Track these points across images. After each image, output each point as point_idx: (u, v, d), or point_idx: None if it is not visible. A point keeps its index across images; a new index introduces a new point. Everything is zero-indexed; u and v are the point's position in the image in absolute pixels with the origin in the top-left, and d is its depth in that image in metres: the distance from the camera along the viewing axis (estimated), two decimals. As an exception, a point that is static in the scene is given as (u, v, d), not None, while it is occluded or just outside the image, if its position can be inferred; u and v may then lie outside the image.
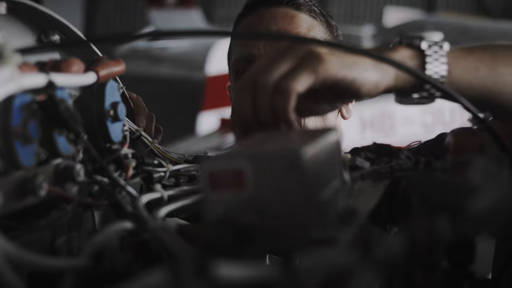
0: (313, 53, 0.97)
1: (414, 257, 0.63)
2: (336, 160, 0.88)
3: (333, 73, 0.96)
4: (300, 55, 0.97)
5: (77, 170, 1.01)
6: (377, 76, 0.99)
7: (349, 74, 0.97)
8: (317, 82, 0.95)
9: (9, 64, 0.81)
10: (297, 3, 1.81)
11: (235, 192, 0.76)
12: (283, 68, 0.96)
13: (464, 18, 11.64)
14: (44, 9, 1.16)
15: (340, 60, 0.97)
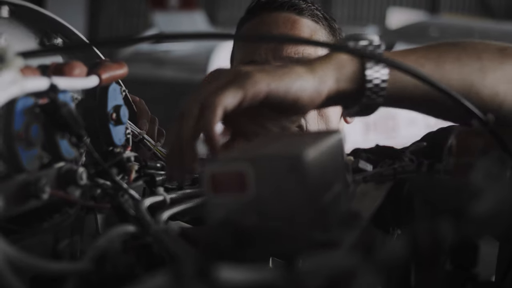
0: (241, 72, 0.95)
1: (416, 259, 0.62)
2: (338, 163, 0.88)
3: (262, 86, 0.94)
4: (229, 75, 0.95)
5: (80, 174, 1.01)
6: (313, 83, 0.97)
7: (281, 86, 0.95)
8: (246, 98, 0.93)
9: (12, 67, 0.81)
10: (300, 8, 1.81)
11: (236, 195, 0.76)
12: (210, 88, 0.95)
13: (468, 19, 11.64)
14: (47, 12, 1.16)
15: (270, 74, 0.95)
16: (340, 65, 1.00)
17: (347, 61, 1.00)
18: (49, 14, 1.16)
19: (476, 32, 8.97)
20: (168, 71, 8.60)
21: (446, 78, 1.03)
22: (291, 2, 1.81)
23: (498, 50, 1.07)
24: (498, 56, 1.06)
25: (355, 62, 1.00)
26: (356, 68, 1.00)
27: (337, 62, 1.00)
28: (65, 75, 0.99)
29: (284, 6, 1.80)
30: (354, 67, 1.00)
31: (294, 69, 0.97)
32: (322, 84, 0.98)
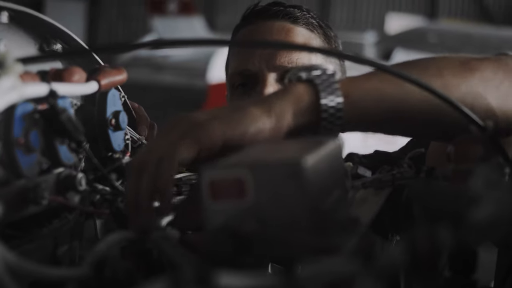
0: (195, 123, 0.94)
1: (415, 266, 0.63)
2: (337, 169, 0.88)
3: (217, 137, 0.93)
4: (183, 127, 0.94)
5: (79, 179, 1.01)
6: (270, 123, 0.96)
7: (236, 132, 0.94)
8: (202, 150, 0.93)
9: (11, 73, 0.81)
10: (294, 16, 1.81)
11: (235, 201, 0.76)
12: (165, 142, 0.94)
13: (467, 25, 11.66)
14: (46, 18, 1.16)
15: (223, 121, 0.94)
16: (297, 99, 0.99)
17: (304, 94, 0.99)
18: (49, 19, 1.17)
19: (475, 38, 8.98)
20: (167, 76, 8.60)
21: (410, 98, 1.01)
22: (286, 11, 1.82)
23: (460, 64, 1.06)
24: (461, 71, 1.04)
25: (311, 94, 0.99)
26: (312, 100, 0.99)
27: (294, 96, 0.99)
28: (64, 81, 1.00)
29: (278, 14, 1.80)
30: (310, 99, 0.99)
31: (249, 111, 0.96)
32: (280, 122, 0.97)
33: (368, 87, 1.01)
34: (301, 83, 1.00)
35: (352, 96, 0.99)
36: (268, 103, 0.98)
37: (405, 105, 1.02)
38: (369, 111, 1.01)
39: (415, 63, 1.06)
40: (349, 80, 1.02)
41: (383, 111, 1.02)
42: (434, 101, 0.98)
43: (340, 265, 0.64)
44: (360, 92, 1.01)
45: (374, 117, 1.02)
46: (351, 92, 1.00)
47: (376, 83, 1.01)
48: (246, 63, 1.77)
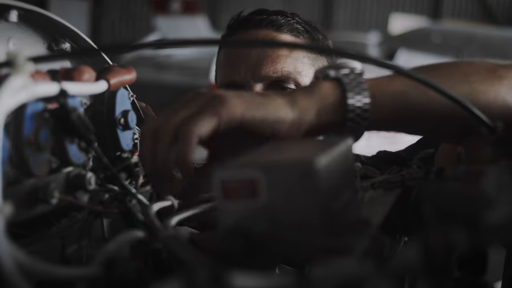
0: (216, 97, 0.93)
1: (429, 268, 0.62)
2: (348, 169, 0.88)
3: (238, 114, 0.92)
4: (203, 101, 0.93)
5: (88, 179, 1.01)
6: (293, 116, 0.95)
7: (257, 115, 0.93)
8: (221, 124, 0.91)
9: (22, 72, 0.81)
10: (278, 24, 1.81)
11: (247, 201, 0.75)
12: (183, 114, 0.92)
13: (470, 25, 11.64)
14: (55, 17, 1.16)
15: (247, 101, 0.94)
16: (323, 97, 0.98)
17: (329, 92, 0.99)
18: (58, 18, 1.17)
19: (478, 38, 8.97)
20: (170, 75, 8.61)
21: (432, 101, 1.01)
22: (269, 19, 1.81)
23: (488, 71, 1.05)
24: (488, 78, 1.04)
25: (338, 93, 0.99)
26: (338, 99, 0.98)
27: (320, 93, 0.99)
28: (74, 80, 0.99)
29: (262, 23, 1.80)
30: (336, 97, 0.98)
31: (274, 99, 0.96)
32: (302, 117, 0.96)
33: (393, 90, 1.01)
34: (329, 81, 1.00)
35: (377, 97, 0.99)
36: (294, 97, 0.97)
37: (427, 108, 1.02)
38: (393, 113, 1.01)
39: (440, 68, 1.05)
40: (374, 81, 1.01)
41: (406, 114, 1.02)
42: (455, 108, 0.98)
43: (353, 266, 0.64)
44: (385, 94, 1.00)
45: (397, 118, 1.02)
46: (376, 94, 0.99)
47: (400, 86, 1.01)
48: (232, 75, 1.77)
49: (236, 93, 0.95)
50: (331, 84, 0.99)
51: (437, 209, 0.71)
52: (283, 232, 0.74)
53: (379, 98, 0.99)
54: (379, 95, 1.00)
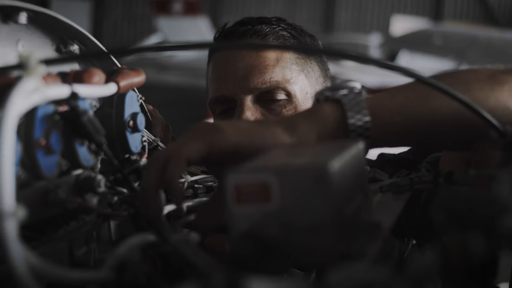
0: (212, 126, 0.96)
1: (446, 275, 0.62)
2: (360, 173, 0.88)
3: (231, 141, 0.94)
4: (198, 129, 0.96)
5: (98, 181, 1.01)
6: (291, 140, 0.96)
7: (252, 143, 0.95)
8: (212, 150, 0.94)
9: (34, 75, 0.81)
10: (263, 33, 1.80)
11: (260, 205, 0.75)
12: (179, 142, 0.96)
13: (472, 27, 11.63)
14: (63, 19, 1.16)
15: (243, 129, 0.95)
16: (323, 119, 0.98)
17: (329, 114, 0.99)
18: (66, 20, 1.16)
19: (479, 40, 8.96)
20: (172, 76, 8.60)
21: (434, 115, 1.01)
22: (254, 29, 1.80)
23: (488, 78, 1.05)
24: (488, 84, 1.04)
25: (337, 114, 0.99)
26: (338, 120, 0.99)
27: (319, 116, 0.99)
28: (84, 82, 0.99)
29: (246, 34, 1.79)
30: (336, 119, 0.99)
31: (271, 126, 0.97)
32: (303, 141, 0.97)
33: (394, 106, 1.01)
34: (328, 103, 1.00)
35: (378, 115, 0.99)
36: (293, 123, 0.98)
37: (430, 121, 1.02)
38: (395, 130, 1.01)
39: (441, 77, 1.05)
40: (374, 98, 1.01)
41: (408, 128, 1.02)
42: (459, 116, 0.98)
43: (368, 271, 0.63)
44: (386, 111, 1.00)
45: (399, 134, 1.03)
46: (377, 111, 0.99)
47: (401, 100, 1.01)
48: (221, 89, 1.77)
49: (233, 123, 0.97)
50: (331, 106, 1.00)
51: (451, 214, 0.71)
52: (296, 236, 0.74)
53: (380, 115, 1.00)
54: (380, 112, 1.00)
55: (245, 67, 1.74)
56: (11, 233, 0.69)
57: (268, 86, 1.72)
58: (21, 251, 0.70)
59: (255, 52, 1.76)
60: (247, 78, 1.72)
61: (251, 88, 1.71)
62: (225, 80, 1.76)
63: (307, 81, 1.80)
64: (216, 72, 1.82)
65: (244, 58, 1.75)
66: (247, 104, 1.71)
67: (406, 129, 1.02)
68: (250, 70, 1.74)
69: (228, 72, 1.77)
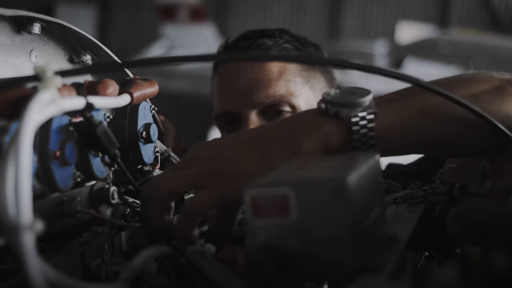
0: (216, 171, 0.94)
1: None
2: (377, 185, 0.88)
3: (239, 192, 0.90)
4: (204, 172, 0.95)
5: (112, 193, 1.00)
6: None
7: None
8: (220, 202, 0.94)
9: (50, 87, 0.81)
10: (266, 47, 1.80)
11: (278, 219, 0.75)
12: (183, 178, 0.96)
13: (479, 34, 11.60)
14: (76, 29, 1.16)
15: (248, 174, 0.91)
16: (328, 136, 0.97)
17: (334, 130, 0.98)
18: (78, 30, 1.16)
19: (486, 48, 8.94)
20: (177, 83, 8.60)
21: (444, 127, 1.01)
22: (256, 43, 1.80)
23: (495, 90, 1.03)
24: (498, 97, 1.02)
25: (343, 130, 0.97)
26: (343, 135, 0.97)
27: (324, 134, 0.97)
28: (98, 93, 0.99)
29: (249, 48, 1.80)
30: (341, 135, 0.97)
31: (274, 153, 0.95)
32: None
33: (401, 121, 1.00)
34: (336, 121, 0.98)
35: (385, 131, 0.98)
36: (299, 144, 0.96)
37: (437, 133, 1.01)
38: (402, 147, 1.02)
39: (449, 86, 1.04)
40: (382, 113, 0.98)
41: (415, 141, 1.02)
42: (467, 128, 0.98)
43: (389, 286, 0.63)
44: (394, 127, 0.99)
45: (406, 146, 1.03)
46: (385, 128, 0.98)
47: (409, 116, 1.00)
48: (226, 104, 1.76)
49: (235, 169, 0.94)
50: (339, 126, 0.98)
51: (470, 228, 0.71)
52: (313, 249, 0.74)
53: (387, 132, 0.98)
54: (388, 129, 0.99)
55: (249, 82, 1.74)
56: (28, 246, 0.69)
57: (272, 100, 1.71)
58: (39, 264, 0.69)
59: (258, 66, 1.76)
60: (251, 93, 1.72)
61: (255, 102, 1.71)
62: (229, 95, 1.76)
63: (311, 92, 1.80)
64: (220, 87, 1.82)
65: (247, 72, 1.75)
66: (251, 118, 1.71)
67: (412, 142, 1.02)
68: (254, 84, 1.73)
69: (231, 86, 1.77)
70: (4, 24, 1.06)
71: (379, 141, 0.97)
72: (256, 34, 1.85)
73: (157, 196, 0.96)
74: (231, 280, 0.81)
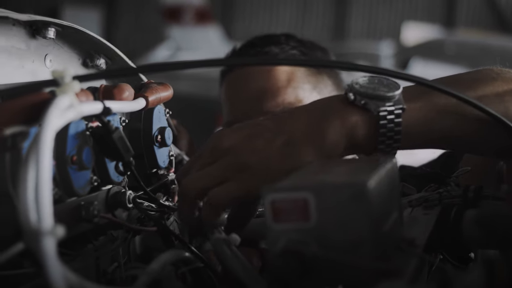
0: (244, 167, 0.94)
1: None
2: (395, 189, 0.87)
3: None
4: (230, 166, 0.95)
5: (128, 197, 1.00)
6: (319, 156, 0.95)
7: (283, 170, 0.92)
8: (245, 196, 0.94)
9: (69, 92, 0.81)
10: (273, 54, 1.79)
11: (298, 223, 0.75)
12: (211, 176, 0.95)
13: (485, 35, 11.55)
14: (90, 33, 1.16)
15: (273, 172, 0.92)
16: (354, 128, 0.97)
17: (361, 122, 0.97)
18: (93, 34, 1.16)
19: (493, 49, 8.90)
20: (183, 85, 8.60)
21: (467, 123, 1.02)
22: (264, 51, 1.80)
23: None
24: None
25: (369, 123, 0.97)
26: (370, 129, 0.98)
27: (351, 126, 0.97)
28: (115, 98, 0.99)
29: (257, 56, 1.78)
30: (368, 128, 0.98)
31: (296, 147, 0.95)
32: (331, 154, 0.96)
33: (426, 116, 1.00)
34: (363, 112, 0.98)
35: (410, 127, 0.98)
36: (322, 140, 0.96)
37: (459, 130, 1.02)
38: (424, 142, 1.03)
39: (474, 87, 1.03)
40: (409, 113, 0.99)
41: (437, 142, 1.04)
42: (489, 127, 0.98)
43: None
44: (418, 123, 1.00)
45: (427, 145, 1.04)
46: (410, 123, 0.98)
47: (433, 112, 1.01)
48: (235, 112, 1.76)
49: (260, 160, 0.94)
50: (366, 118, 0.98)
51: (493, 233, 0.70)
52: (333, 253, 0.74)
53: (412, 128, 0.99)
54: (413, 125, 0.99)
55: (257, 89, 1.74)
56: (50, 251, 0.69)
57: (282, 108, 1.71)
58: (60, 269, 0.69)
59: (266, 74, 1.75)
60: (260, 101, 1.72)
61: (264, 111, 1.70)
62: (237, 103, 1.76)
63: (320, 98, 1.80)
64: (229, 94, 1.81)
65: (255, 80, 1.75)
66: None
67: (435, 138, 1.03)
68: (262, 93, 1.73)
69: (240, 94, 1.76)
70: (19, 28, 1.06)
71: (403, 136, 0.98)
72: (263, 41, 1.84)
73: (187, 196, 0.96)
74: (255, 279, 0.81)
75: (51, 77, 0.82)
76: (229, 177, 0.94)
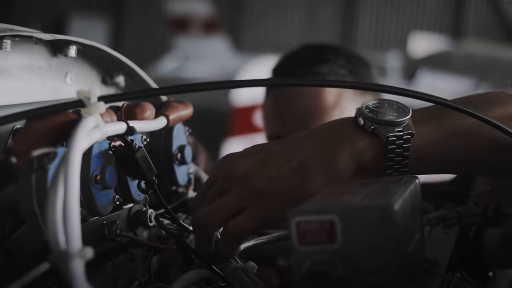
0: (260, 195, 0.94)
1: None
2: (418, 209, 0.88)
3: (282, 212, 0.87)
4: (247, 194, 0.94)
5: (149, 215, 1.01)
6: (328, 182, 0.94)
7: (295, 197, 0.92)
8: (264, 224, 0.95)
9: (95, 112, 0.82)
10: (322, 75, 1.78)
11: (323, 245, 0.75)
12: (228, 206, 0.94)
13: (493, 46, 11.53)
14: (110, 51, 1.17)
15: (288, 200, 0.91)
16: (363, 153, 0.97)
17: (369, 147, 0.97)
18: (113, 52, 1.17)
19: (501, 61, 8.88)
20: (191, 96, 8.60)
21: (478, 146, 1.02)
22: (313, 70, 1.79)
23: None
24: None
25: (378, 147, 0.97)
26: (378, 153, 0.98)
27: (359, 150, 0.97)
28: (137, 117, 1.00)
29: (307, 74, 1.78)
30: (376, 152, 0.98)
31: (308, 174, 0.94)
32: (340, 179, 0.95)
33: (437, 141, 1.00)
34: (372, 137, 0.98)
35: (420, 151, 0.98)
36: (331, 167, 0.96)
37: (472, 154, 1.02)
38: (434, 166, 1.03)
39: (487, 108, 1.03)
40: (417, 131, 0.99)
41: (448, 166, 1.04)
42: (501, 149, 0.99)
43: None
44: (429, 147, 1.00)
45: (437, 169, 1.05)
46: (420, 147, 0.98)
47: (444, 136, 1.00)
48: (281, 130, 1.76)
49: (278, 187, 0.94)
50: (374, 142, 0.98)
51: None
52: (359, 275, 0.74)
53: (421, 151, 0.99)
54: (422, 149, 0.99)
55: (305, 109, 1.73)
56: (79, 273, 0.69)
57: None
58: (89, 292, 0.70)
59: (314, 94, 1.75)
60: (307, 121, 1.72)
61: None
62: (284, 122, 1.75)
63: None
64: (275, 110, 1.80)
65: (304, 99, 1.74)
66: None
67: (445, 162, 1.02)
68: (310, 113, 1.72)
69: (287, 113, 1.75)
70: (41, 47, 1.06)
71: (412, 160, 0.98)
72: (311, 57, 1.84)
73: (206, 229, 0.95)
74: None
75: (74, 96, 0.83)
76: (246, 205, 0.93)
